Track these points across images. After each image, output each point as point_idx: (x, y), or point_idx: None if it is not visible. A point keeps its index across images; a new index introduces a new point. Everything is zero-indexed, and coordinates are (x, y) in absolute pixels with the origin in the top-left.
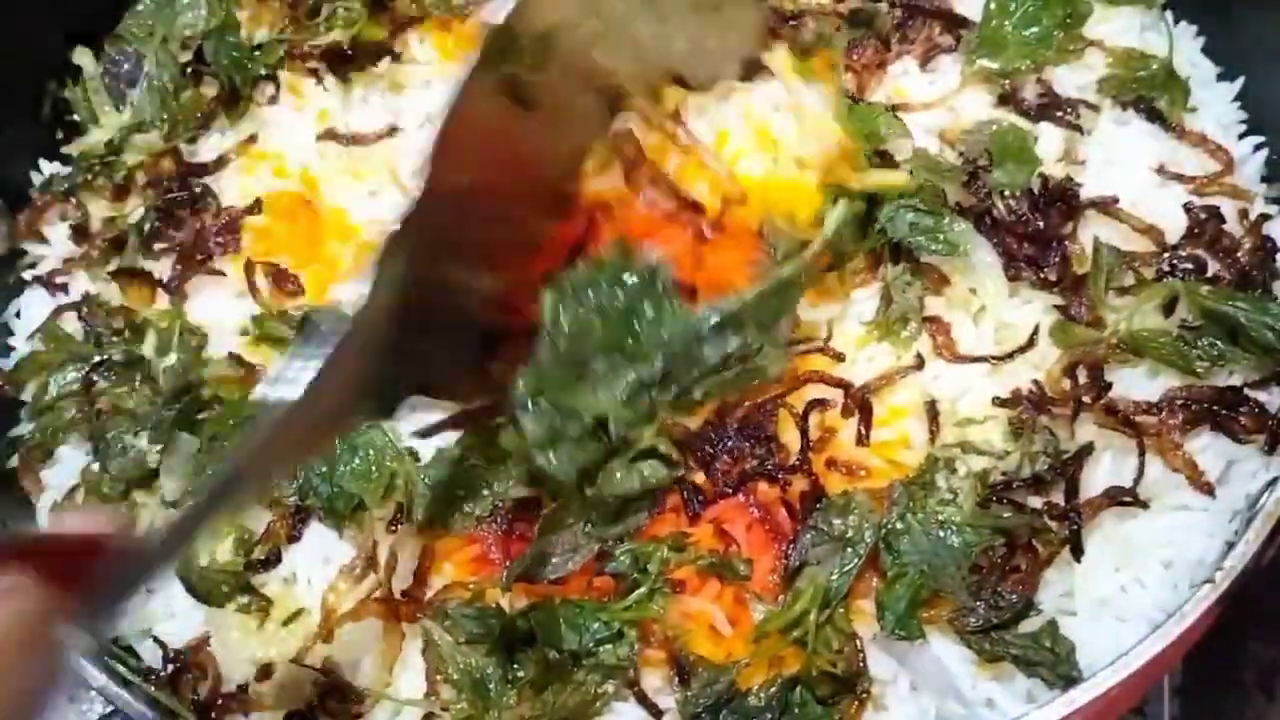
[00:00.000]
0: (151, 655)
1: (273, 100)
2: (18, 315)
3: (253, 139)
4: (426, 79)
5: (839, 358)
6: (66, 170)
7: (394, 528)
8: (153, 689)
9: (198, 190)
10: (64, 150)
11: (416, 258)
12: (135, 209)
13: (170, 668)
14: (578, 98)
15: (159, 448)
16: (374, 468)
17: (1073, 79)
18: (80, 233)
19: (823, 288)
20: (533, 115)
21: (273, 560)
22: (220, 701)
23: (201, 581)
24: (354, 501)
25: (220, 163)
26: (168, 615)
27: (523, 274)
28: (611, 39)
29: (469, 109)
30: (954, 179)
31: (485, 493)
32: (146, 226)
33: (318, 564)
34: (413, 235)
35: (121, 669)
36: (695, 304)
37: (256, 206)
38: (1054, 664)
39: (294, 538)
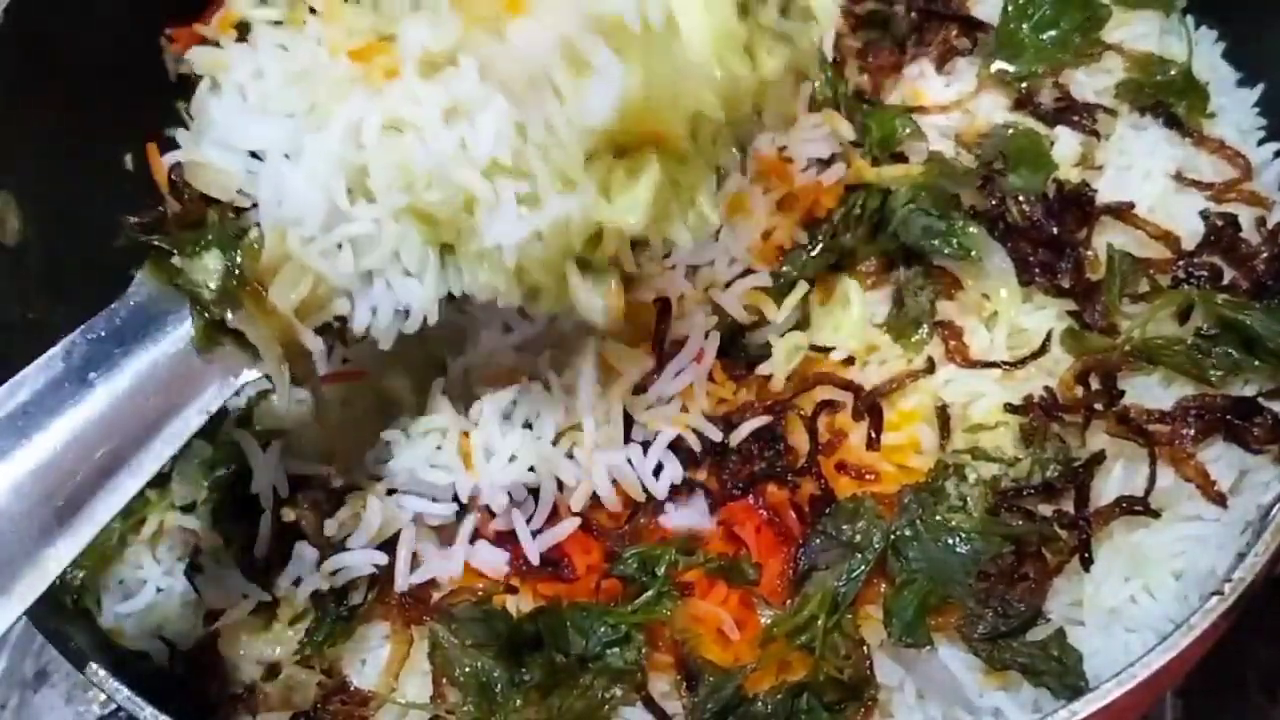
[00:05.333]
0: (160, 655)
1: None
2: None
3: None
4: None
5: (849, 360)
6: None
7: None
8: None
9: None
10: None
11: None
12: None
13: (179, 668)
14: None
15: None
16: None
17: (1090, 83)
18: None
19: (833, 289)
20: None
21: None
22: (227, 701)
23: None
24: None
25: None
26: (177, 615)
27: None
28: None
29: None
30: (969, 182)
31: None
32: None
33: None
34: None
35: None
36: None
37: None
38: (1061, 673)
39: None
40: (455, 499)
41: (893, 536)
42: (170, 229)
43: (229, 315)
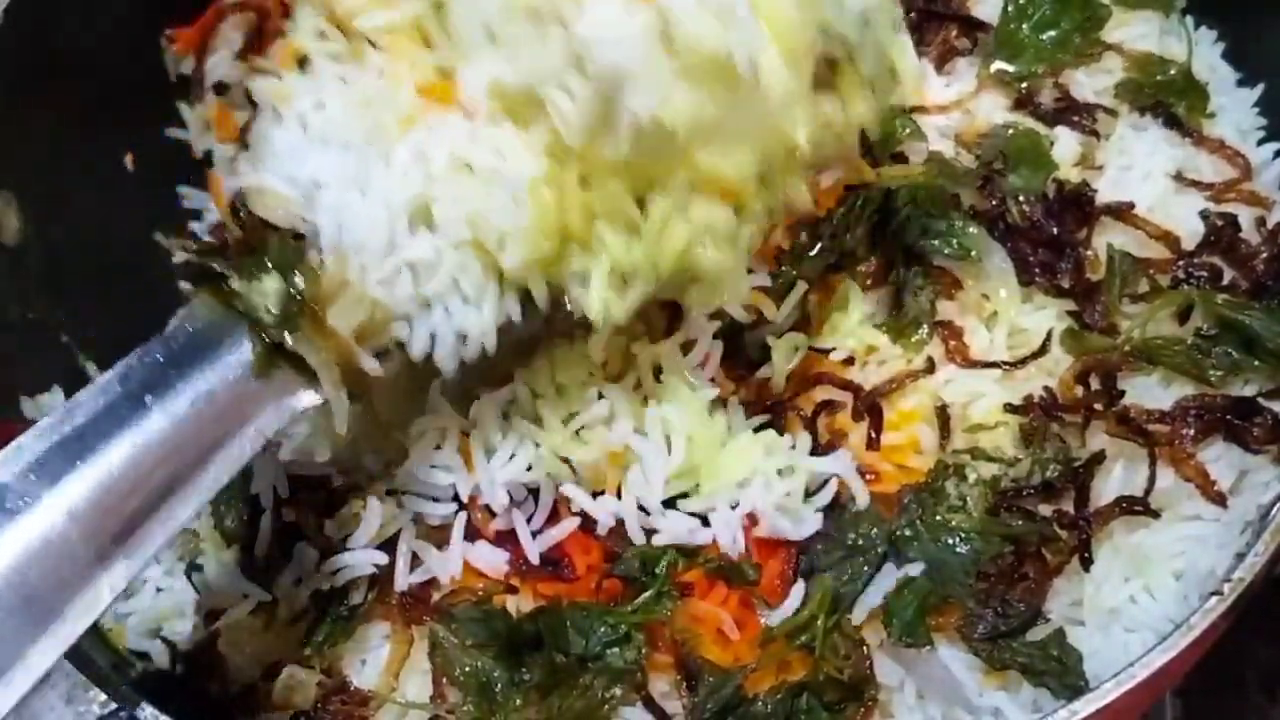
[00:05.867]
0: (160, 655)
1: None
2: None
3: None
4: None
5: (849, 360)
6: None
7: None
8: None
9: None
10: None
11: None
12: None
13: (179, 668)
14: None
15: None
16: None
17: (1090, 83)
18: None
19: (833, 289)
20: None
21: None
22: (228, 701)
23: None
24: None
25: None
26: (177, 615)
27: None
28: None
29: None
30: (969, 182)
31: None
32: None
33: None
34: None
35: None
36: None
37: None
38: (1061, 673)
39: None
40: (455, 499)
41: (893, 537)
42: (229, 253)
43: (288, 338)
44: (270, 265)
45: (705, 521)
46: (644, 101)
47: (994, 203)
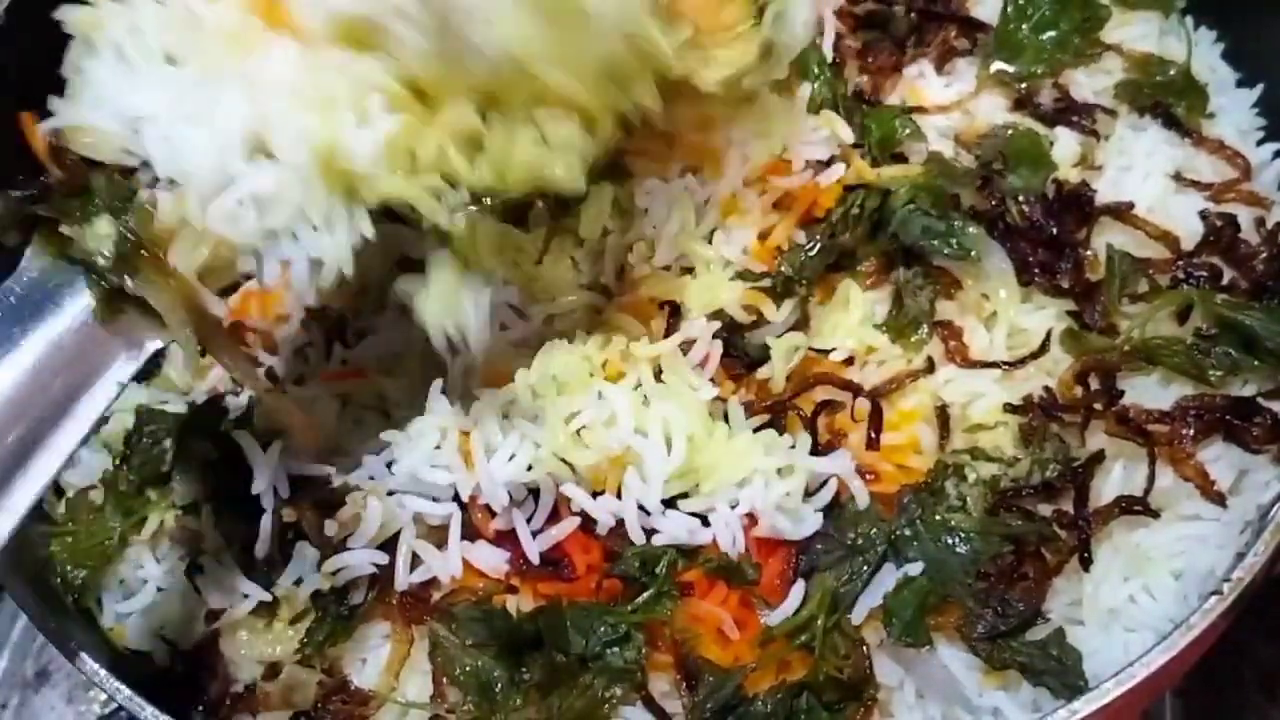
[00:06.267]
0: (160, 655)
1: None
2: None
3: None
4: None
5: (849, 360)
6: None
7: None
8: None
9: None
10: None
11: None
12: None
13: (179, 668)
14: None
15: None
16: None
17: (1090, 83)
18: None
19: (833, 289)
20: None
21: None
22: (228, 701)
23: None
24: None
25: None
26: (177, 615)
27: None
28: None
29: None
30: (968, 182)
31: None
32: None
33: None
34: None
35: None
36: None
37: None
38: (1060, 673)
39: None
40: (455, 499)
41: (893, 536)
42: (55, 198)
43: (128, 282)
44: (100, 206)
45: (705, 521)
46: (486, 32)
47: (994, 203)
